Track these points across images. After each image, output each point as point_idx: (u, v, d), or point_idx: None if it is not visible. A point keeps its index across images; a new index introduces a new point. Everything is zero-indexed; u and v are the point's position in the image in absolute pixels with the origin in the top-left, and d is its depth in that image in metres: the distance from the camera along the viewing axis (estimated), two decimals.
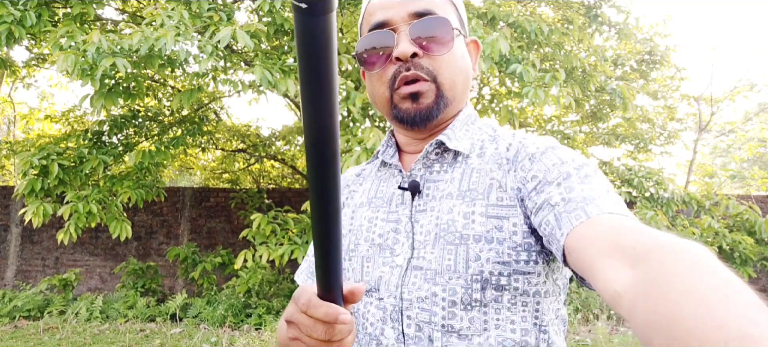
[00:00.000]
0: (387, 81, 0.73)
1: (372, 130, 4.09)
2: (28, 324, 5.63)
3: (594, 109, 6.74)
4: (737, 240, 5.91)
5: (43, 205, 4.39)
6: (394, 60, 0.71)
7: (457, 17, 0.77)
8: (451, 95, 0.73)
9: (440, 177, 0.74)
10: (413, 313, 0.68)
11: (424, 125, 0.73)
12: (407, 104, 0.72)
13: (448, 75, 0.72)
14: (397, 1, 0.72)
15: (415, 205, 0.73)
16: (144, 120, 5.55)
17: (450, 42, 0.72)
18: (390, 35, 0.72)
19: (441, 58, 0.72)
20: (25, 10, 3.90)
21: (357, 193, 0.83)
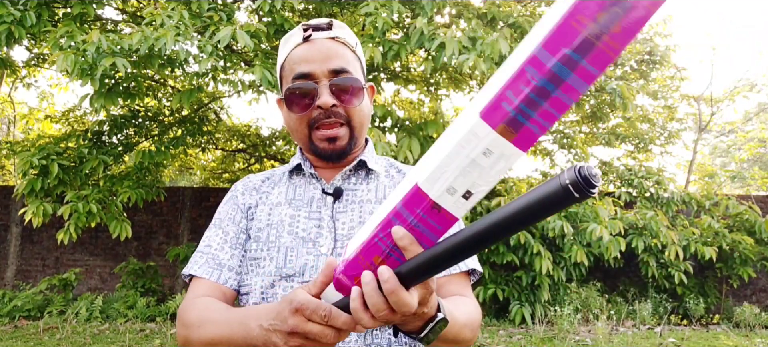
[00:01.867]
0: (308, 122, 0.90)
1: (372, 130, 4.09)
2: (28, 324, 5.63)
3: (594, 108, 6.74)
4: (737, 240, 5.90)
5: (43, 205, 4.39)
6: (316, 107, 0.89)
7: (361, 69, 0.96)
8: (359, 135, 0.93)
9: (357, 187, 0.94)
10: None
11: (337, 161, 0.93)
12: (325, 144, 0.90)
13: (358, 120, 0.92)
14: (319, 58, 0.89)
15: (336, 207, 0.91)
16: (144, 120, 5.55)
17: (361, 94, 0.91)
18: (312, 86, 0.89)
19: (353, 108, 0.90)
20: (25, 10, 3.90)
21: (271, 195, 0.96)
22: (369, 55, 4.03)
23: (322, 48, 0.90)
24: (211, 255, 0.91)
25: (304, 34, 0.91)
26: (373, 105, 3.86)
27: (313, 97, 0.88)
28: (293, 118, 0.91)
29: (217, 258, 0.91)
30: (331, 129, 0.89)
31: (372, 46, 4.07)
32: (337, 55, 0.90)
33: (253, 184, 1.00)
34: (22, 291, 6.51)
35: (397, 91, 7.12)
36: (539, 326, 5.37)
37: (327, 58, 0.89)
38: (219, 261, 0.90)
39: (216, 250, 0.92)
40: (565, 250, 5.40)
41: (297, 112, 0.90)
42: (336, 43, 0.92)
